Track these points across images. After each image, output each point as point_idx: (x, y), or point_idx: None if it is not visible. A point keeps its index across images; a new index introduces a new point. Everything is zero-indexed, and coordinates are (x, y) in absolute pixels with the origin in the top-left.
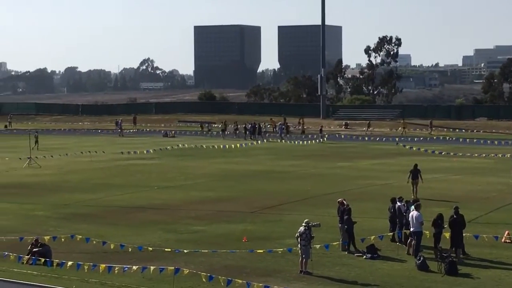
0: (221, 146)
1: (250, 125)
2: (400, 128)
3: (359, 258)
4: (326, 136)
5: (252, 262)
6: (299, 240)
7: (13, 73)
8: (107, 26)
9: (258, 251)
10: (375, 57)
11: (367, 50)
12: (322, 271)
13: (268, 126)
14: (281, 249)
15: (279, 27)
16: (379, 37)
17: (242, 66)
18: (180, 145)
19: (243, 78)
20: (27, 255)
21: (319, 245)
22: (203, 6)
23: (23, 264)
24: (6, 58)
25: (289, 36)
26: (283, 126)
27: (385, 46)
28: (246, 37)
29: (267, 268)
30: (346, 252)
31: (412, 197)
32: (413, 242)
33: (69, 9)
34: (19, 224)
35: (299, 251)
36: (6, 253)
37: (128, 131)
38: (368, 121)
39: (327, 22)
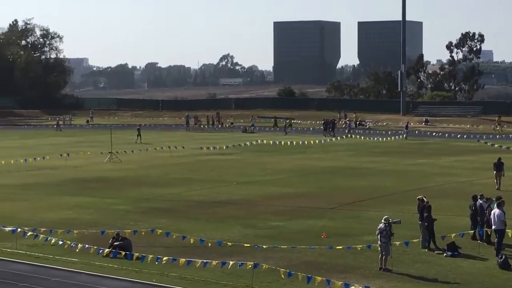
0: (300, 142)
1: (330, 120)
2: (495, 125)
3: (439, 256)
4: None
5: (331, 258)
6: (379, 237)
7: (94, 68)
8: (187, 22)
9: (337, 247)
10: (457, 53)
11: (449, 46)
12: (401, 268)
13: (347, 121)
14: (361, 246)
15: (359, 22)
16: (461, 33)
17: (321, 62)
18: (259, 140)
19: (323, 74)
20: (108, 248)
21: (398, 242)
22: (283, 2)
23: (104, 257)
24: (88, 54)
25: (369, 31)
26: (351, 122)
27: (467, 42)
28: (326, 33)
29: (346, 264)
30: (426, 250)
31: (496, 187)
32: (495, 240)
33: (149, 5)
34: (101, 218)
35: (379, 248)
36: (87, 245)
37: (203, 125)
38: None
39: (407, 18)
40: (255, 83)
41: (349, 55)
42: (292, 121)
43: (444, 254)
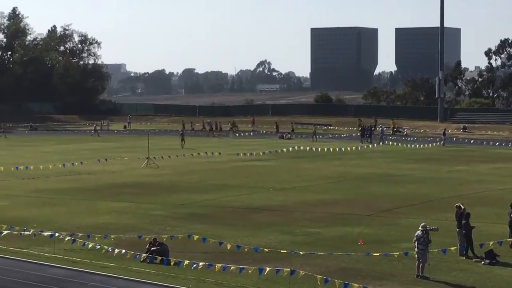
0: (336, 148)
1: (367, 127)
2: None
3: (477, 264)
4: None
5: (368, 265)
6: (416, 244)
7: (132, 74)
8: (224, 28)
9: (374, 254)
10: (496, 59)
11: (488, 53)
12: (439, 276)
13: (385, 128)
14: (397, 253)
15: (396, 29)
16: (500, 40)
17: (358, 68)
18: (295, 147)
19: (360, 80)
20: (145, 253)
21: (436, 250)
22: (320, 8)
23: (141, 263)
24: (125, 59)
25: (406, 38)
26: (383, 129)
27: (506, 49)
28: (363, 39)
29: (383, 271)
30: (464, 257)
31: None
32: None
33: (187, 12)
34: (138, 223)
35: (416, 255)
36: (124, 250)
37: (241, 133)
38: None
39: (445, 24)
40: (292, 89)
41: (386, 62)
42: (329, 127)
43: (482, 262)
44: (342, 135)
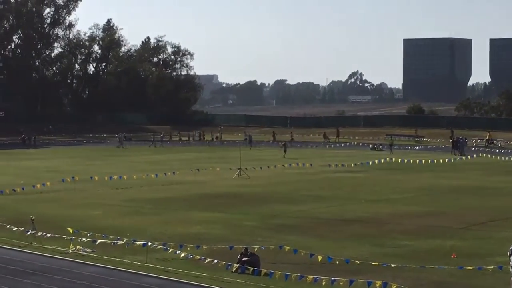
0: (429, 160)
1: (460, 139)
2: None
3: None
4: None
5: (461, 279)
6: (511, 258)
7: (224, 85)
8: (316, 39)
9: (468, 268)
10: None
11: None
12: None
13: (479, 140)
14: (492, 267)
15: (490, 39)
16: None
17: (452, 79)
18: (387, 158)
19: (453, 91)
20: (236, 263)
21: None
22: (413, 19)
23: (232, 273)
24: (218, 71)
25: (501, 49)
26: (461, 140)
27: None
28: (457, 50)
29: (476, 285)
30: None
31: None
32: None
33: (278, 23)
34: (229, 234)
35: (511, 270)
36: (216, 260)
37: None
38: None
39: None
40: (384, 100)
41: (480, 73)
42: (422, 139)
43: None
44: (434, 147)
